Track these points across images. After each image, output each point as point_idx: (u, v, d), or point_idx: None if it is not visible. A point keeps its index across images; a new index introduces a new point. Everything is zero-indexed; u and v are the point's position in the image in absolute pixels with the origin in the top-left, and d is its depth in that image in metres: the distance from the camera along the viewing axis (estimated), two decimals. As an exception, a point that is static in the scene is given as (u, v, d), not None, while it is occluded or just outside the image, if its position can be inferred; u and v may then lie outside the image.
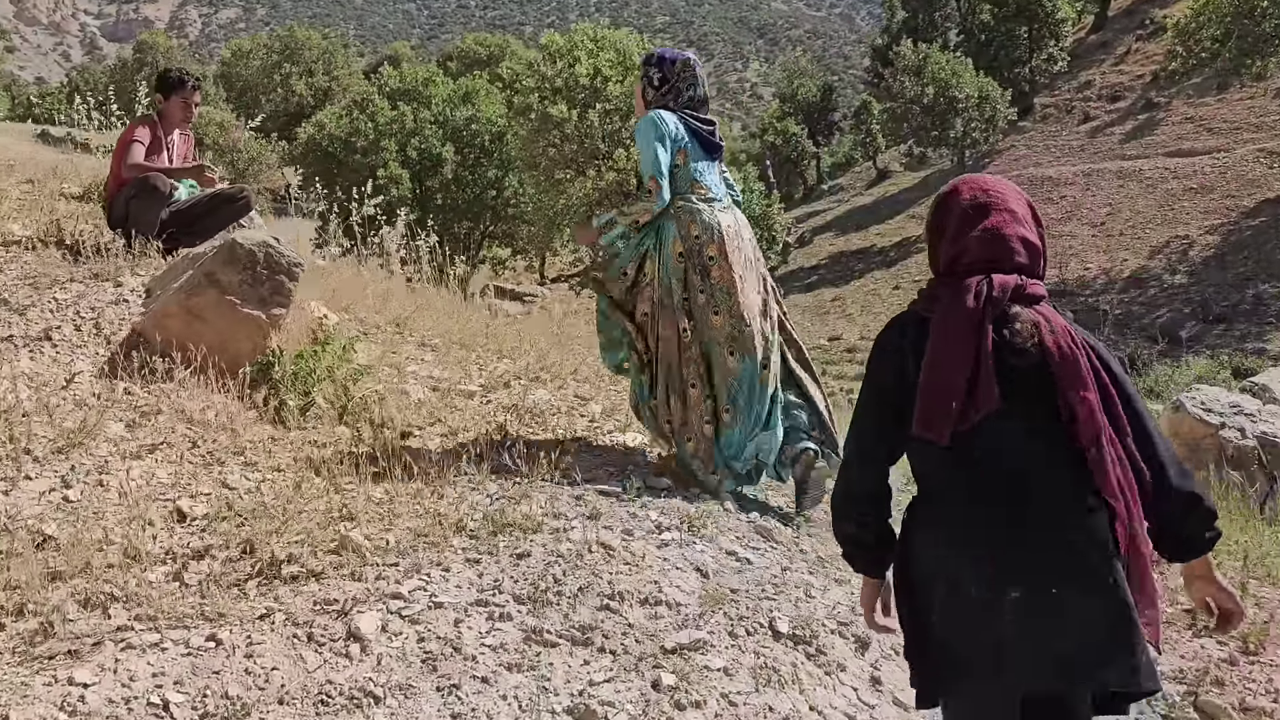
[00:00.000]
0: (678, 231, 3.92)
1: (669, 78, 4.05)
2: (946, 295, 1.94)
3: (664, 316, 3.97)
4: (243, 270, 4.08)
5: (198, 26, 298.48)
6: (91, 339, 4.07)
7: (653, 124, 3.92)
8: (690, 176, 3.96)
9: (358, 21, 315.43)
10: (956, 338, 1.87)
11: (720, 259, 3.92)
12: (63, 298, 4.29)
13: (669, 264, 3.92)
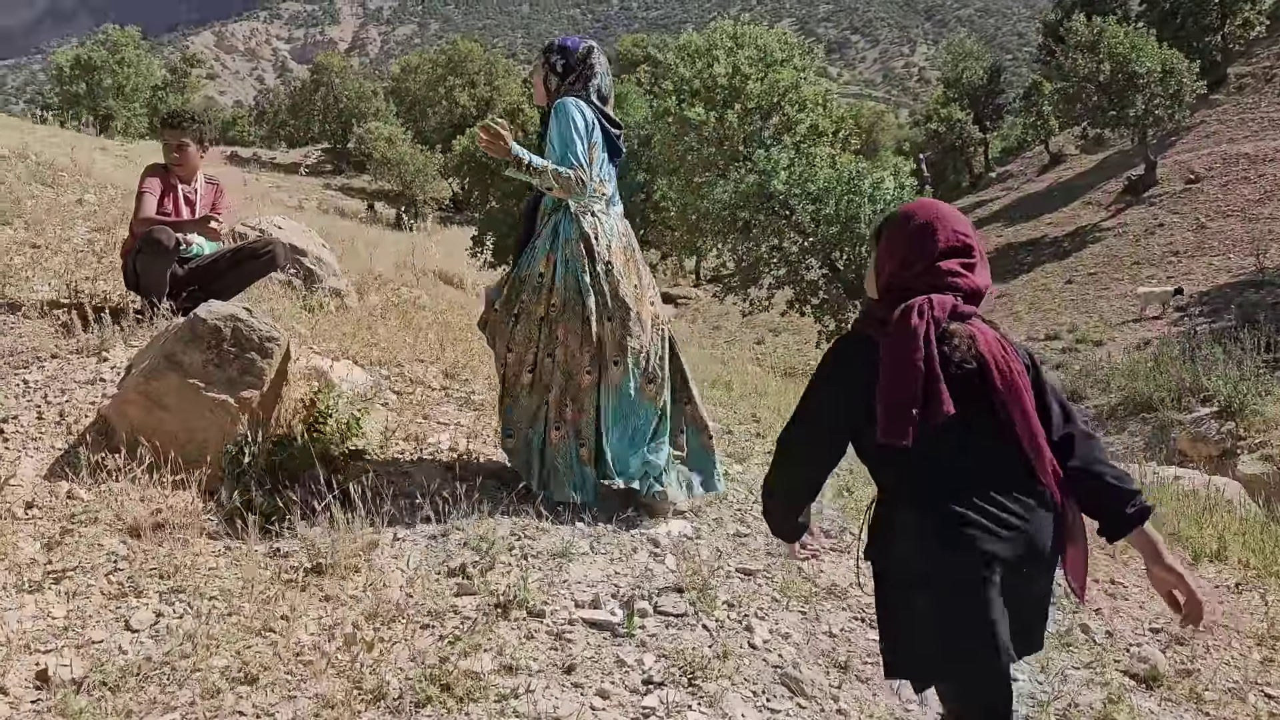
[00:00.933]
0: (577, 232, 3.83)
1: (572, 65, 3.94)
2: (895, 316, 2.10)
3: (563, 320, 3.84)
4: (207, 349, 3.59)
5: (377, 44, 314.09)
6: (51, 429, 3.67)
7: (574, 109, 3.79)
8: (593, 175, 3.84)
9: (525, 30, 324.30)
10: (908, 352, 2.04)
11: (619, 265, 3.88)
12: (34, 379, 3.93)
13: (570, 264, 3.82)
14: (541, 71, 4.01)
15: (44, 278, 5.11)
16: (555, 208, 3.90)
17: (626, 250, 4.00)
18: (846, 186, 18.95)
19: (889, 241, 2.24)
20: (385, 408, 4.76)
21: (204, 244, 5.00)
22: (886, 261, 2.23)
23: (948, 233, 2.18)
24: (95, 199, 7.83)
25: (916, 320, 2.06)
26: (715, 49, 21.42)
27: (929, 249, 2.16)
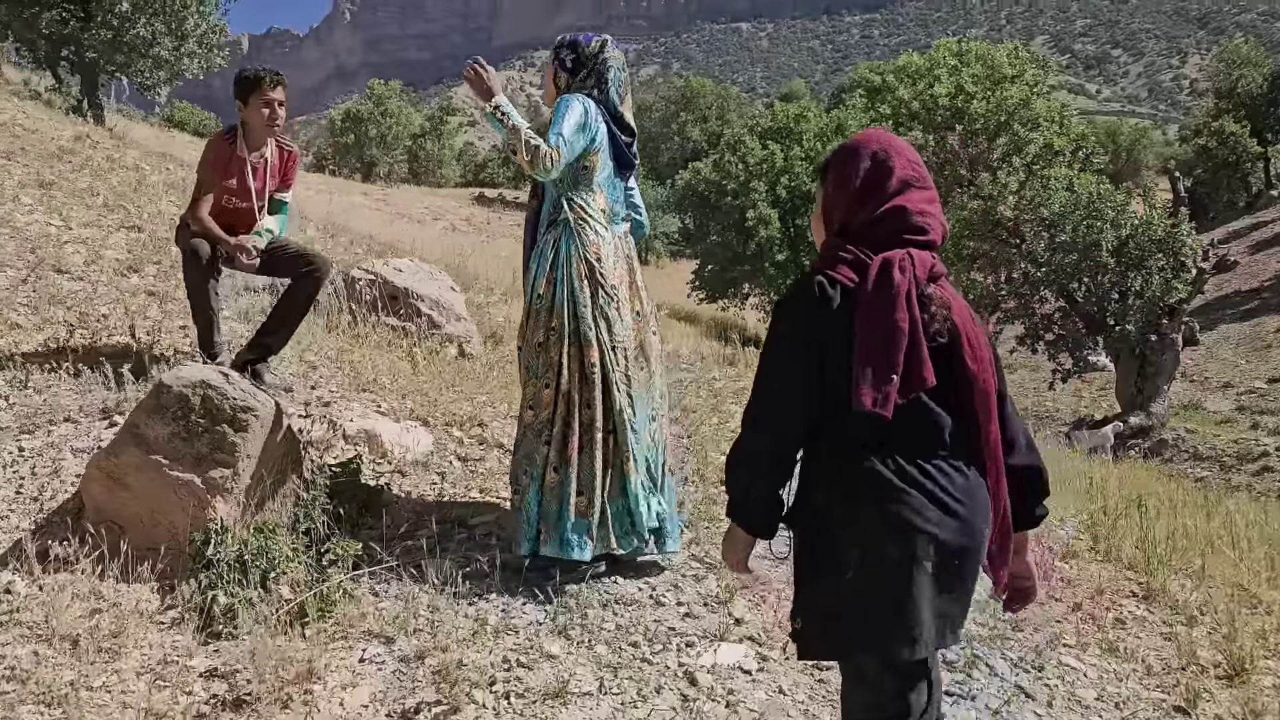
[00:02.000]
0: (580, 250, 3.41)
1: (583, 61, 3.53)
2: (872, 267, 1.94)
3: (562, 345, 3.39)
4: (173, 421, 3.10)
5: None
6: (25, 506, 3.31)
7: (578, 102, 3.38)
8: (596, 185, 3.49)
9: (764, 64, 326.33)
10: (890, 315, 1.89)
11: (623, 288, 3.52)
12: (32, 445, 3.61)
13: (574, 285, 3.39)
14: (552, 68, 3.62)
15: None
16: (554, 221, 3.46)
17: (630, 273, 3.60)
18: (1086, 210, 17.00)
19: (838, 175, 2.06)
20: (441, 479, 4.18)
21: (270, 227, 4.59)
22: (839, 199, 2.05)
23: (903, 161, 2.03)
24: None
25: (899, 278, 1.90)
26: (937, 68, 19.98)
27: (886, 184, 2.00)
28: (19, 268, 5.73)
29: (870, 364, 1.88)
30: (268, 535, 3.14)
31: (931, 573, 1.91)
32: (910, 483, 1.92)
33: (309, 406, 4.45)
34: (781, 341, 2.01)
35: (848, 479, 1.95)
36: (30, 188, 8.46)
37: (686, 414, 6.16)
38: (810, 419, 1.98)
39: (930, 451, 1.96)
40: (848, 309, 1.94)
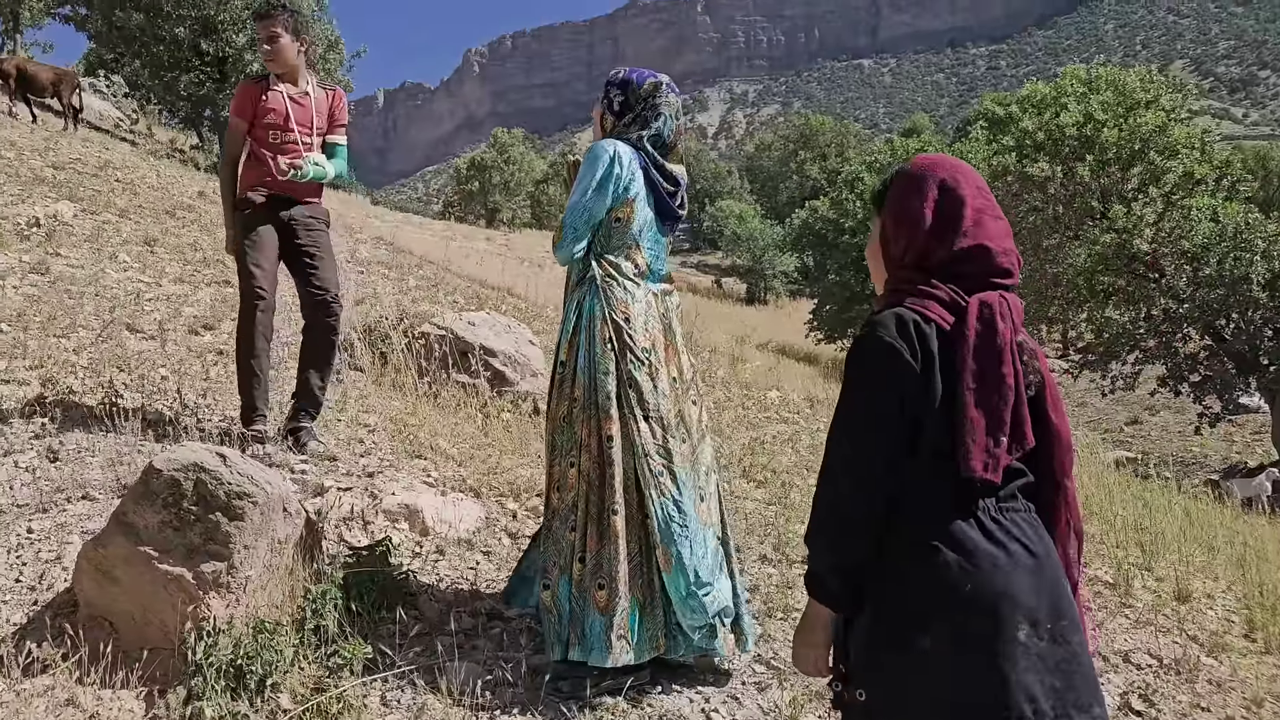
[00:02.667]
0: (605, 310, 3.04)
1: (631, 104, 3.14)
2: (970, 311, 1.73)
3: (584, 418, 3.02)
4: (163, 508, 2.80)
5: (742, 126, 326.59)
6: (21, 597, 3.06)
7: (604, 157, 3.03)
8: (630, 238, 3.11)
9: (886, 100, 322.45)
10: (998, 364, 1.71)
11: (657, 351, 3.10)
12: (42, 526, 3.39)
13: (595, 350, 3.02)
14: (599, 107, 3.25)
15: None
16: (580, 280, 3.13)
17: (667, 334, 3.18)
18: (1233, 242, 15.71)
19: (902, 206, 1.84)
20: (485, 558, 3.80)
21: (316, 165, 4.35)
22: (903, 233, 1.83)
23: (973, 189, 1.83)
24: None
25: (1002, 325, 1.73)
26: (1064, 97, 18.96)
27: (961, 216, 1.80)
28: (94, 328, 5.69)
29: (980, 423, 1.70)
30: (268, 635, 2.81)
31: (1025, 642, 1.67)
32: (997, 545, 1.70)
33: (351, 477, 4.15)
34: (866, 385, 1.76)
35: (927, 542, 1.72)
36: (133, 244, 8.61)
37: (775, 476, 5.66)
38: (899, 476, 1.74)
39: (1013, 511, 1.76)
40: (946, 355, 1.72)
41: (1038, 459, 1.81)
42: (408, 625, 3.15)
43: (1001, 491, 1.75)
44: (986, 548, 1.70)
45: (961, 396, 1.70)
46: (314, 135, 4.45)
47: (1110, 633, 4.30)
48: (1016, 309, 1.78)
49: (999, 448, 1.70)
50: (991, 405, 1.70)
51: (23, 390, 4.55)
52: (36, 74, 17.18)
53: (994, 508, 1.74)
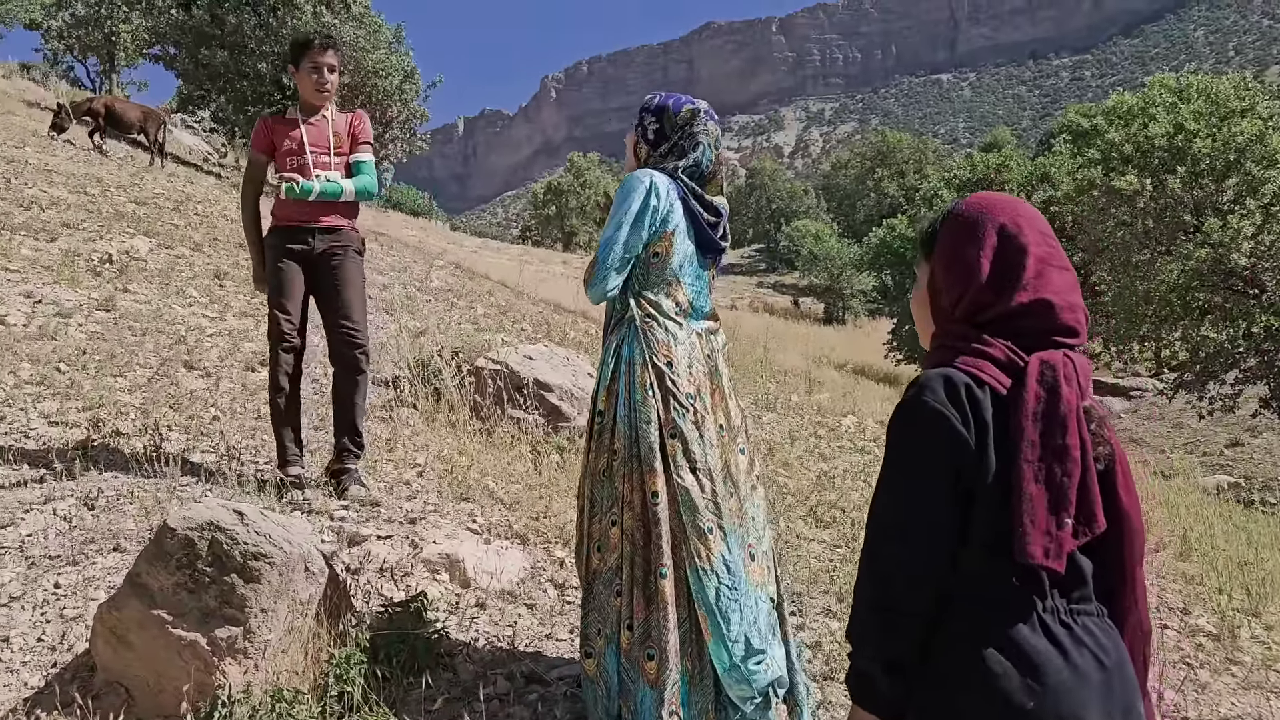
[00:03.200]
0: (645, 354, 2.81)
1: (667, 131, 2.94)
2: (1030, 372, 1.49)
3: (626, 471, 2.77)
4: (177, 570, 2.66)
5: (819, 145, 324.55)
6: (40, 658, 2.95)
7: (640, 189, 2.81)
8: (670, 274, 2.88)
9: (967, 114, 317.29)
10: (1062, 433, 1.46)
11: (703, 397, 2.84)
12: (69, 581, 3.28)
13: (636, 398, 2.77)
14: (634, 134, 3.03)
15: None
16: (618, 321, 2.91)
17: (713, 377, 2.92)
18: (1340, 255, 14.88)
19: (955, 253, 1.61)
20: (528, 611, 3.60)
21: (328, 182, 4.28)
22: (957, 282, 1.60)
23: (1036, 235, 1.58)
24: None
25: (1067, 390, 1.48)
26: (1152, 107, 18.22)
27: (1022, 267, 1.55)
28: (151, 365, 5.67)
29: (1040, 500, 1.45)
30: (287, 704, 2.65)
31: None
32: (1064, 655, 1.45)
33: (393, 524, 4.00)
34: (912, 460, 1.52)
35: (982, 650, 1.47)
36: (203, 278, 8.69)
37: (844, 515, 5.36)
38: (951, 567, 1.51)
39: (1084, 614, 1.51)
40: (1001, 424, 1.49)
41: (1105, 546, 1.55)
42: (439, 690, 2.96)
43: (1074, 591, 1.50)
44: (1053, 660, 1.44)
45: (1019, 470, 1.46)
46: (330, 155, 4.36)
47: (1214, 695, 3.91)
48: (1084, 370, 1.54)
49: (1062, 530, 1.45)
50: (1054, 480, 1.46)
51: (71, 433, 4.52)
52: (124, 112, 17.79)
53: (1064, 609, 1.48)
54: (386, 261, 14.78)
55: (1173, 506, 7.25)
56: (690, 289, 2.94)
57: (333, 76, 4.35)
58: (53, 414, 4.72)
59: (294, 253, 4.29)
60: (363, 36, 22.88)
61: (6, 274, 7.26)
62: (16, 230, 8.83)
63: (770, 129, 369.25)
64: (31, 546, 3.51)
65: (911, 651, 1.52)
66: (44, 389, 5.01)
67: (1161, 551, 6.03)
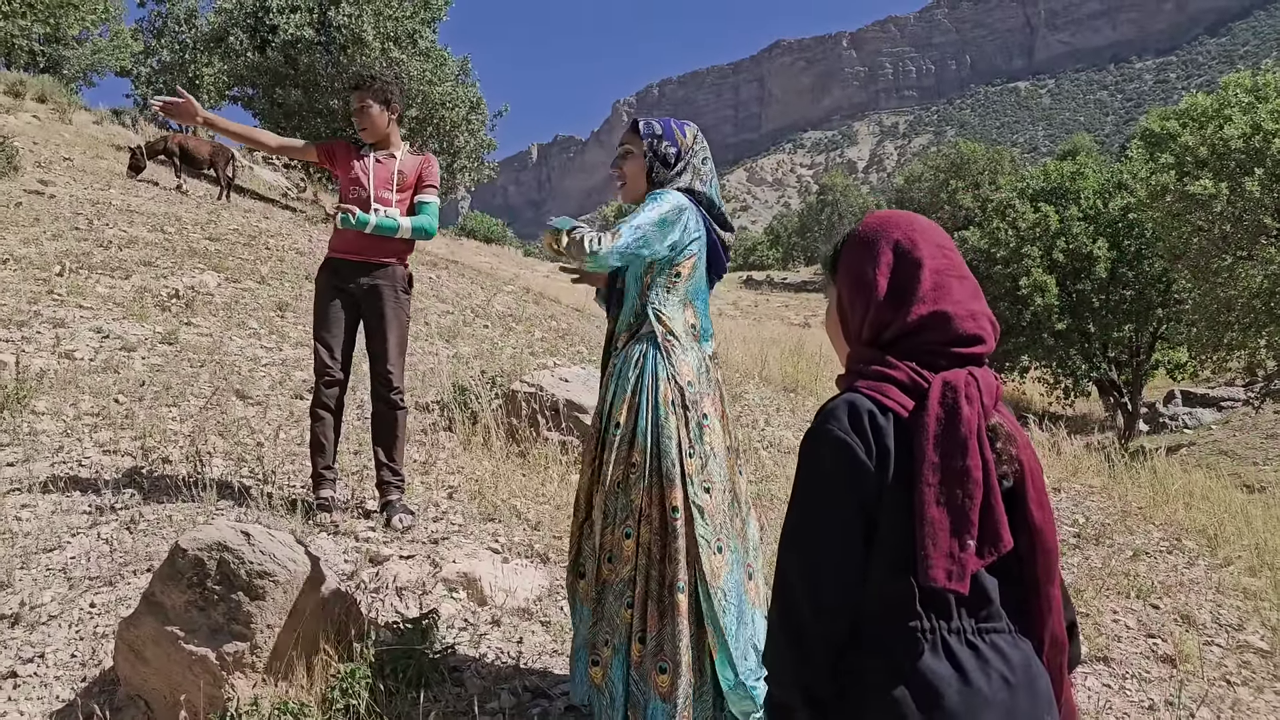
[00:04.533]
0: (670, 372, 2.86)
1: (683, 153, 3.00)
2: (932, 394, 1.51)
3: (645, 485, 2.79)
4: (188, 587, 2.81)
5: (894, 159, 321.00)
6: (70, 674, 3.13)
7: (679, 203, 2.87)
8: (687, 295, 2.97)
9: (1046, 122, 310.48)
10: (962, 455, 1.47)
11: (716, 419, 2.91)
12: (104, 600, 3.47)
13: (660, 414, 2.82)
14: (642, 160, 3.02)
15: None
16: (636, 336, 2.93)
17: (722, 401, 3.00)
18: None
19: (854, 273, 1.66)
20: (542, 628, 3.68)
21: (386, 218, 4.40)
22: (858, 301, 1.65)
23: (931, 248, 1.63)
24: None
25: (968, 410, 1.49)
26: (1227, 108, 17.68)
27: (916, 281, 1.59)
28: (204, 395, 5.93)
29: (941, 524, 1.46)
30: (294, 716, 2.77)
31: None
32: (966, 680, 1.46)
33: (416, 544, 4.12)
34: (818, 489, 1.53)
35: (887, 677, 1.48)
36: (265, 310, 9.02)
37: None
38: (860, 595, 1.52)
39: (993, 632, 1.51)
40: (904, 446, 1.50)
41: (1018, 562, 1.55)
42: (444, 705, 3.05)
43: (980, 610, 1.51)
44: (952, 684, 1.46)
45: (920, 494, 1.47)
46: (393, 192, 4.50)
47: (1252, 712, 3.80)
48: (988, 387, 1.55)
49: (964, 552, 1.45)
50: (955, 503, 1.47)
51: (122, 461, 4.76)
52: (196, 149, 18.67)
53: (971, 629, 1.50)
54: (452, 289, 15.11)
55: (1249, 519, 7.02)
56: (699, 312, 3.01)
57: (370, 114, 4.47)
58: (106, 443, 4.97)
59: (342, 289, 4.45)
60: (429, 70, 23.47)
61: (80, 311, 7.65)
62: (94, 269, 9.29)
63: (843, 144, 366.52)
64: (74, 568, 3.72)
65: (825, 681, 1.55)
66: (101, 419, 5.28)
67: (1230, 566, 5.86)
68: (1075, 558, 5.61)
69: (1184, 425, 27.44)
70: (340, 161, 4.52)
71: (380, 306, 4.45)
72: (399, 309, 4.51)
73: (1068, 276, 28.02)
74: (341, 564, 3.67)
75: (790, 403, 9.89)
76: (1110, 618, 4.62)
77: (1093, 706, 3.58)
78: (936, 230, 1.67)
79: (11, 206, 11.45)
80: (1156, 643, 4.39)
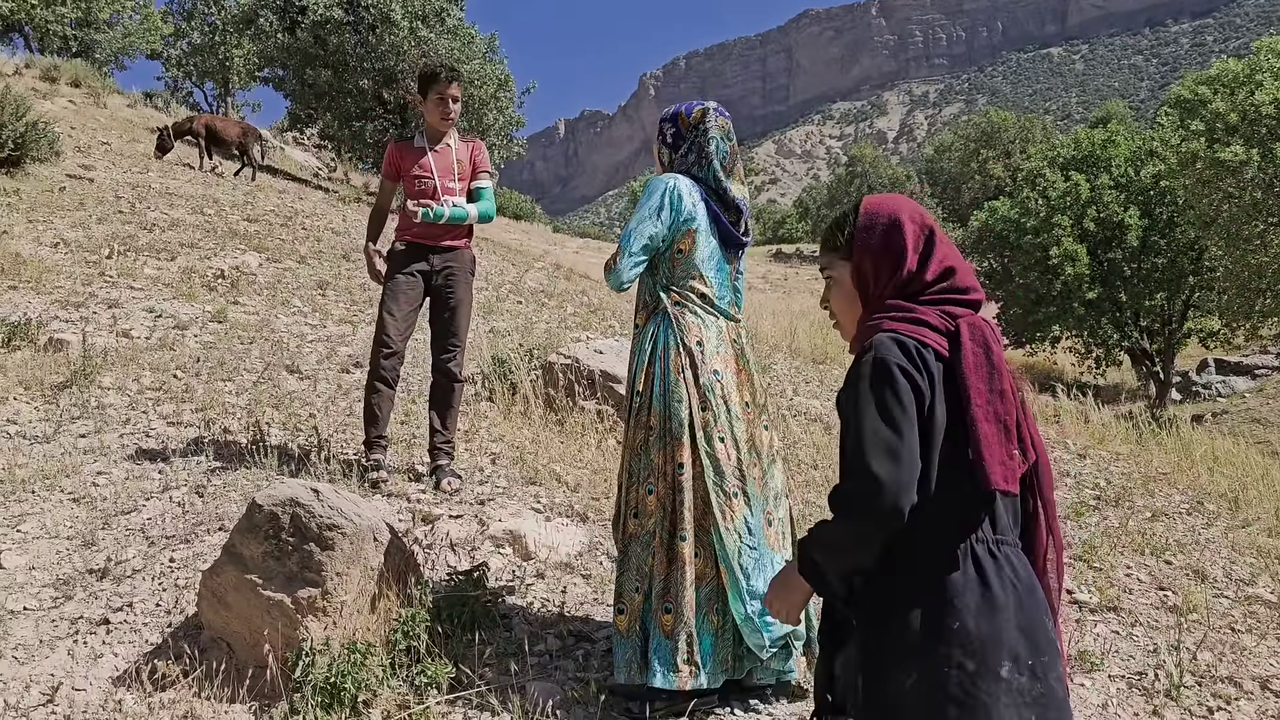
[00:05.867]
0: (678, 339, 3.14)
1: (683, 134, 3.28)
2: (963, 330, 1.79)
3: (660, 445, 3.11)
4: (265, 539, 3.10)
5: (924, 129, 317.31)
6: (157, 620, 3.43)
7: (661, 188, 3.16)
8: (694, 268, 3.20)
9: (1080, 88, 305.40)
10: (999, 379, 1.76)
11: (728, 374, 3.18)
12: (180, 555, 3.77)
13: (670, 380, 3.11)
14: (656, 144, 3.35)
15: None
16: (652, 312, 3.23)
17: (739, 359, 3.26)
18: None
19: (880, 243, 1.89)
20: (584, 581, 3.95)
21: (455, 208, 4.64)
22: (886, 267, 1.89)
23: (931, 220, 1.96)
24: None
25: (996, 346, 1.81)
26: (1259, 73, 17.54)
27: (934, 243, 1.89)
28: (256, 371, 6.24)
29: (994, 436, 1.72)
30: (360, 656, 3.05)
31: (1006, 678, 1.68)
32: (986, 584, 1.72)
33: (464, 505, 4.40)
34: (891, 401, 1.72)
35: (919, 577, 1.75)
36: (307, 289, 9.32)
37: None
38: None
39: (1006, 544, 1.79)
40: (946, 378, 1.77)
41: (1026, 479, 1.84)
42: (496, 646, 3.33)
43: (997, 525, 1.77)
44: (976, 587, 1.71)
45: (971, 413, 1.73)
46: (455, 181, 4.74)
47: (1251, 656, 4.00)
48: (995, 333, 1.84)
49: (1013, 460, 1.73)
50: (1001, 419, 1.74)
51: (186, 431, 5.08)
52: (224, 130, 18.98)
53: (991, 542, 1.76)
54: (484, 266, 15.37)
55: (1273, 483, 7.16)
56: (714, 282, 3.25)
57: (456, 106, 4.72)
58: (170, 415, 5.29)
59: (417, 269, 4.70)
60: (457, 48, 23.65)
61: (132, 291, 7.99)
62: (141, 251, 9.64)
63: (873, 115, 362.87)
64: (151, 528, 4.03)
65: (873, 555, 1.76)
66: (162, 394, 5.60)
67: (1249, 527, 6.02)
68: (1094, 518, 5.80)
69: (1217, 393, 27.27)
70: (405, 163, 4.74)
71: (453, 287, 4.71)
72: (467, 289, 4.78)
73: (1099, 245, 27.85)
74: (396, 522, 3.95)
75: (819, 374, 10.09)
76: (1123, 572, 4.82)
77: (1099, 649, 3.80)
78: (921, 208, 1.97)
79: (56, 191, 11.82)
80: (1167, 594, 4.59)
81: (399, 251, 4.73)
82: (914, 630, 1.72)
